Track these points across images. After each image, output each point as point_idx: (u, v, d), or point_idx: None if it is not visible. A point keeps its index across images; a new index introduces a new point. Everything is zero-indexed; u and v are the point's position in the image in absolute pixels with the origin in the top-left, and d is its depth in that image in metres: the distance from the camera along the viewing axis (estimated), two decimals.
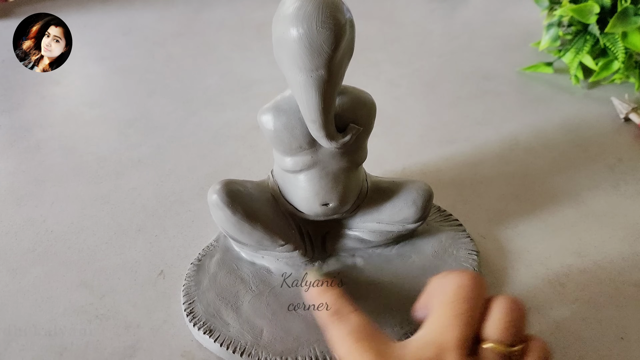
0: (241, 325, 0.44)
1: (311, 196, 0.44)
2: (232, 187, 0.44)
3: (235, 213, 0.44)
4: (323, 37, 0.35)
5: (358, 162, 0.44)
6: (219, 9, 1.06)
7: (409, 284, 0.47)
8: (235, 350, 0.42)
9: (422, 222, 0.48)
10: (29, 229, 0.56)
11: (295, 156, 0.42)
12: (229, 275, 0.48)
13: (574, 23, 0.75)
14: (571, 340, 0.44)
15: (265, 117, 0.42)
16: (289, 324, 0.44)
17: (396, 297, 0.46)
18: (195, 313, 0.45)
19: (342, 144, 0.40)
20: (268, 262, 0.49)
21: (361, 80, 0.80)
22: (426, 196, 0.47)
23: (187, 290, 0.47)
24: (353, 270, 0.48)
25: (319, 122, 0.38)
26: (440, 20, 1.01)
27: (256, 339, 0.43)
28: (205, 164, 0.64)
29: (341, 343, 0.33)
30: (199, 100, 0.77)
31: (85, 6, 1.07)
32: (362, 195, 0.47)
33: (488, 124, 0.70)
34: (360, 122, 0.42)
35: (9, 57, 0.87)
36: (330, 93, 0.38)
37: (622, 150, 0.65)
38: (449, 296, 0.33)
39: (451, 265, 0.48)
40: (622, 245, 0.52)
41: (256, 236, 0.45)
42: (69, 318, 0.46)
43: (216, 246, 0.51)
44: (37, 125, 0.73)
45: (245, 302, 0.46)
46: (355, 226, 0.49)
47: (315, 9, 0.35)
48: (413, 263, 0.48)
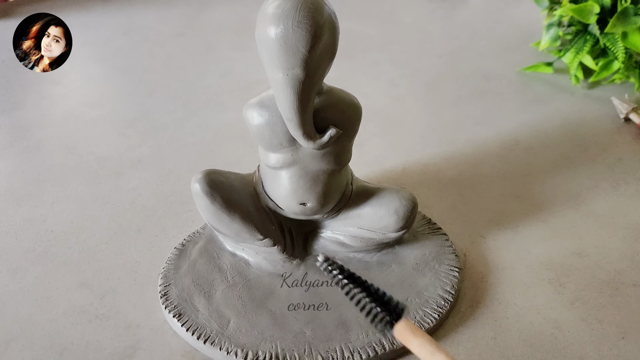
0: (210, 314, 0.45)
1: (289, 194, 0.44)
2: (213, 177, 0.45)
3: (214, 202, 0.45)
4: (298, 36, 0.36)
5: (340, 165, 0.44)
6: (219, 9, 1.06)
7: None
8: (199, 336, 0.43)
9: (404, 232, 0.48)
10: (29, 229, 0.56)
11: (277, 153, 0.43)
12: (208, 263, 0.49)
13: (574, 23, 0.75)
14: (571, 340, 0.44)
15: (249, 112, 0.42)
16: (256, 318, 0.45)
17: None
18: (169, 296, 0.46)
19: (320, 144, 0.41)
20: (248, 254, 0.49)
21: (361, 80, 0.80)
22: (409, 206, 0.46)
23: (166, 273, 0.49)
24: (330, 272, 0.47)
25: (294, 121, 0.39)
26: (440, 20, 1.01)
27: (222, 328, 0.44)
28: (205, 164, 0.64)
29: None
30: (199, 100, 0.77)
31: (85, 6, 1.07)
32: (345, 198, 0.47)
33: (488, 124, 0.70)
34: (342, 124, 0.42)
35: (9, 57, 0.87)
36: (306, 93, 0.38)
37: (622, 150, 0.65)
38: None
39: (430, 279, 0.47)
40: (622, 245, 0.52)
41: (235, 227, 0.46)
42: (69, 318, 0.46)
43: (202, 234, 0.52)
44: (37, 125, 0.73)
45: (219, 291, 0.47)
46: (337, 229, 0.49)
47: (293, 8, 0.36)
48: (392, 272, 0.48)
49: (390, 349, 0.42)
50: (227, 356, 0.42)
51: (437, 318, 0.44)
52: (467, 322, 0.45)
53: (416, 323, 0.44)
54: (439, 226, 0.53)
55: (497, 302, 0.47)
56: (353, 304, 0.37)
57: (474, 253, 0.52)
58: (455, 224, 0.55)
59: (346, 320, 0.44)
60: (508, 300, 0.47)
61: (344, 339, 0.43)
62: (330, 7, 0.37)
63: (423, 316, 0.45)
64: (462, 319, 0.46)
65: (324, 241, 0.49)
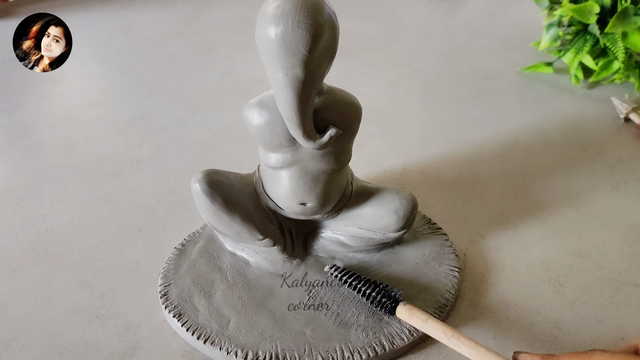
0: (210, 314, 0.45)
1: (289, 194, 0.44)
2: (213, 177, 0.45)
3: (214, 202, 0.45)
4: (298, 36, 0.36)
5: (340, 165, 0.44)
6: (219, 9, 1.06)
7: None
8: (199, 336, 0.43)
9: (404, 232, 0.48)
10: (29, 229, 0.56)
11: (277, 153, 0.43)
12: (208, 263, 0.49)
13: (574, 23, 0.75)
14: (571, 340, 0.44)
15: (249, 112, 0.42)
16: (256, 318, 0.45)
17: (366, 303, 0.46)
18: (169, 296, 0.46)
19: (320, 144, 0.41)
20: (248, 254, 0.49)
21: (361, 80, 0.80)
22: (409, 206, 0.46)
23: (166, 273, 0.49)
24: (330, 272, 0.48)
25: (294, 121, 0.39)
26: (440, 20, 1.01)
27: (222, 328, 0.44)
28: (205, 164, 0.64)
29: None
30: (199, 100, 0.77)
31: (85, 6, 1.07)
32: (345, 198, 0.47)
33: (488, 124, 0.70)
34: (342, 124, 0.42)
35: (9, 57, 0.87)
36: (306, 93, 0.38)
37: (622, 150, 0.65)
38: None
39: (430, 279, 0.47)
40: (622, 245, 0.52)
41: (235, 227, 0.46)
42: (69, 318, 0.46)
43: (202, 234, 0.52)
44: (37, 125, 0.73)
45: (219, 291, 0.47)
46: (337, 229, 0.49)
47: (293, 8, 0.36)
48: (392, 272, 0.48)
49: (390, 349, 0.42)
50: (227, 356, 0.42)
51: (437, 318, 0.44)
52: (467, 322, 0.45)
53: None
54: (439, 226, 0.53)
55: (497, 302, 0.47)
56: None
57: (474, 253, 0.52)
58: (455, 224, 0.55)
59: (346, 320, 0.44)
60: (508, 300, 0.47)
61: (344, 339, 0.43)
62: (330, 7, 0.37)
63: None
64: (462, 319, 0.46)
65: (324, 241, 0.49)
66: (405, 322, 0.43)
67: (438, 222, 0.54)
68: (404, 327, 0.44)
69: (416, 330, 0.43)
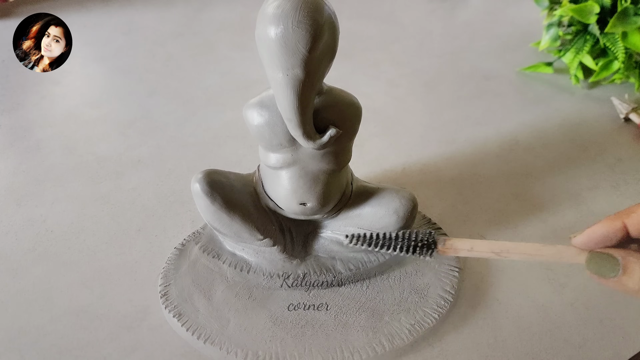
0: (210, 314, 0.45)
1: (289, 194, 0.44)
2: (213, 176, 0.45)
3: (214, 202, 0.45)
4: (298, 36, 0.36)
5: (340, 165, 0.44)
6: (219, 9, 1.06)
7: (382, 291, 0.47)
8: (199, 336, 0.43)
9: None
10: (29, 229, 0.56)
11: (277, 153, 0.43)
12: (208, 262, 0.49)
13: (574, 23, 0.75)
14: (571, 340, 0.44)
15: (249, 112, 0.42)
16: (256, 318, 0.45)
17: (368, 302, 0.46)
18: (169, 296, 0.47)
19: (319, 144, 0.41)
20: (248, 254, 0.49)
21: (361, 80, 0.80)
22: (409, 206, 0.46)
23: (166, 273, 0.49)
24: (330, 272, 0.48)
25: (294, 121, 0.39)
26: (440, 20, 1.01)
27: (222, 328, 0.44)
28: (205, 164, 0.64)
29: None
30: (199, 100, 0.77)
31: (85, 6, 1.07)
32: (345, 198, 0.47)
33: (488, 124, 0.70)
34: (342, 124, 0.42)
35: (9, 57, 0.87)
36: (307, 93, 0.38)
37: (622, 150, 0.65)
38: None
39: (429, 279, 0.48)
40: None
41: (235, 227, 0.46)
42: (69, 318, 0.46)
43: (202, 233, 0.52)
44: (37, 125, 0.73)
45: (219, 291, 0.47)
46: (337, 229, 0.49)
47: (293, 8, 0.36)
48: (391, 272, 0.48)
49: (391, 349, 0.42)
50: (227, 356, 0.42)
51: (437, 318, 0.44)
52: (467, 322, 0.45)
53: (416, 323, 0.44)
54: (439, 226, 0.53)
55: (497, 302, 0.47)
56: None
57: None
58: (455, 224, 0.55)
59: (346, 320, 0.44)
60: (508, 300, 0.47)
61: (344, 339, 0.43)
62: (330, 7, 0.37)
63: (423, 316, 0.45)
64: (462, 319, 0.46)
65: (324, 241, 0.49)
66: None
67: (438, 222, 0.54)
68: (404, 327, 0.44)
69: (416, 330, 0.43)
